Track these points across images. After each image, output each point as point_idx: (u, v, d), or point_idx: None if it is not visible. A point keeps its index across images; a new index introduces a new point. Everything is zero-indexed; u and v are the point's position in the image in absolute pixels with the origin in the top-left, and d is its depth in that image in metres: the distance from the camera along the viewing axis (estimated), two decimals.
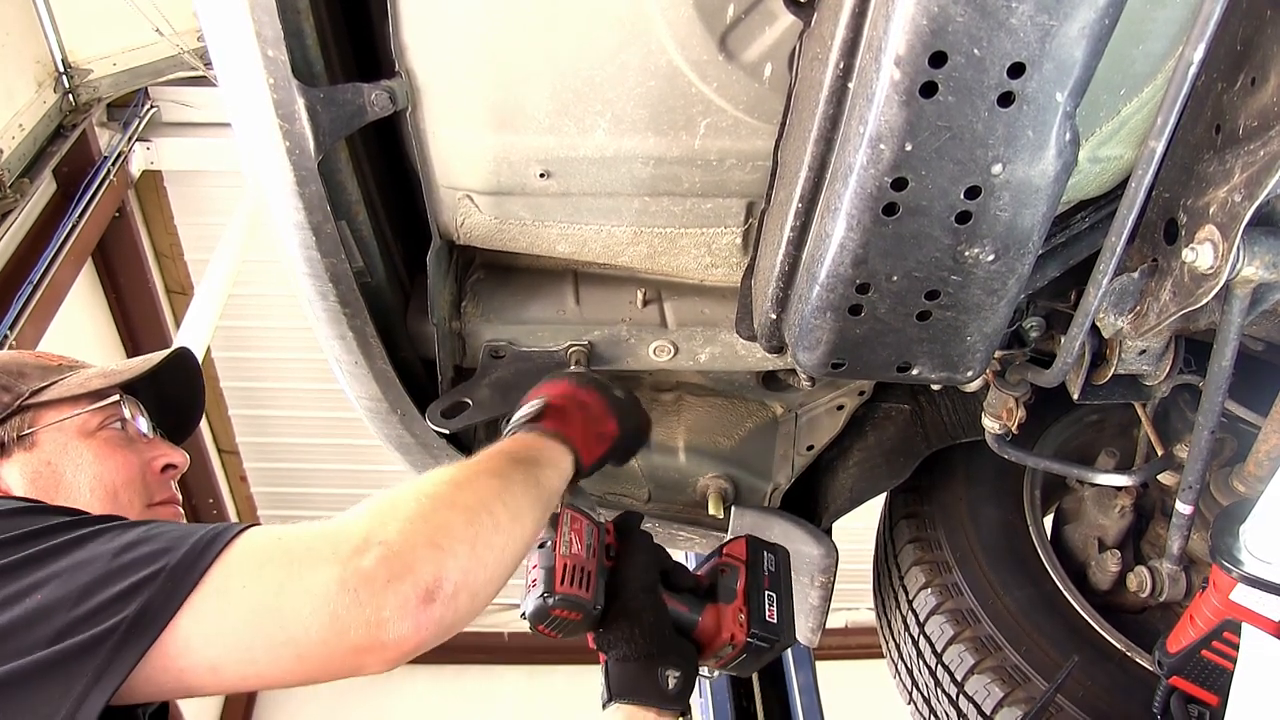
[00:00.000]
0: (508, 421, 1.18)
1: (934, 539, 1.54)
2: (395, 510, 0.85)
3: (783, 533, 1.50)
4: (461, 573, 0.83)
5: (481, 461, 1.00)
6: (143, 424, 1.21)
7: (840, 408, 1.59)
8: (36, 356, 1.23)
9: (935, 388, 1.63)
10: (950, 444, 1.53)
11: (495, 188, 1.17)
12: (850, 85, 0.89)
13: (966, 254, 1.03)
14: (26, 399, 1.12)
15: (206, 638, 0.74)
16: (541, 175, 1.14)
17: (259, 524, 0.84)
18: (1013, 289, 1.08)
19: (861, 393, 1.58)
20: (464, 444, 1.45)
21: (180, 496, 1.23)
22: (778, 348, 1.20)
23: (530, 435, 1.11)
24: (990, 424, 1.33)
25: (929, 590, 1.50)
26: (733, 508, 1.52)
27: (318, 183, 1.03)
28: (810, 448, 1.58)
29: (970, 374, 1.16)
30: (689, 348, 1.39)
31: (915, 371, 1.15)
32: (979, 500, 1.56)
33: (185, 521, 1.21)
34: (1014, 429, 1.31)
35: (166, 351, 1.29)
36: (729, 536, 1.54)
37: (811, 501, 1.63)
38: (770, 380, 1.56)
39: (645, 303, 1.39)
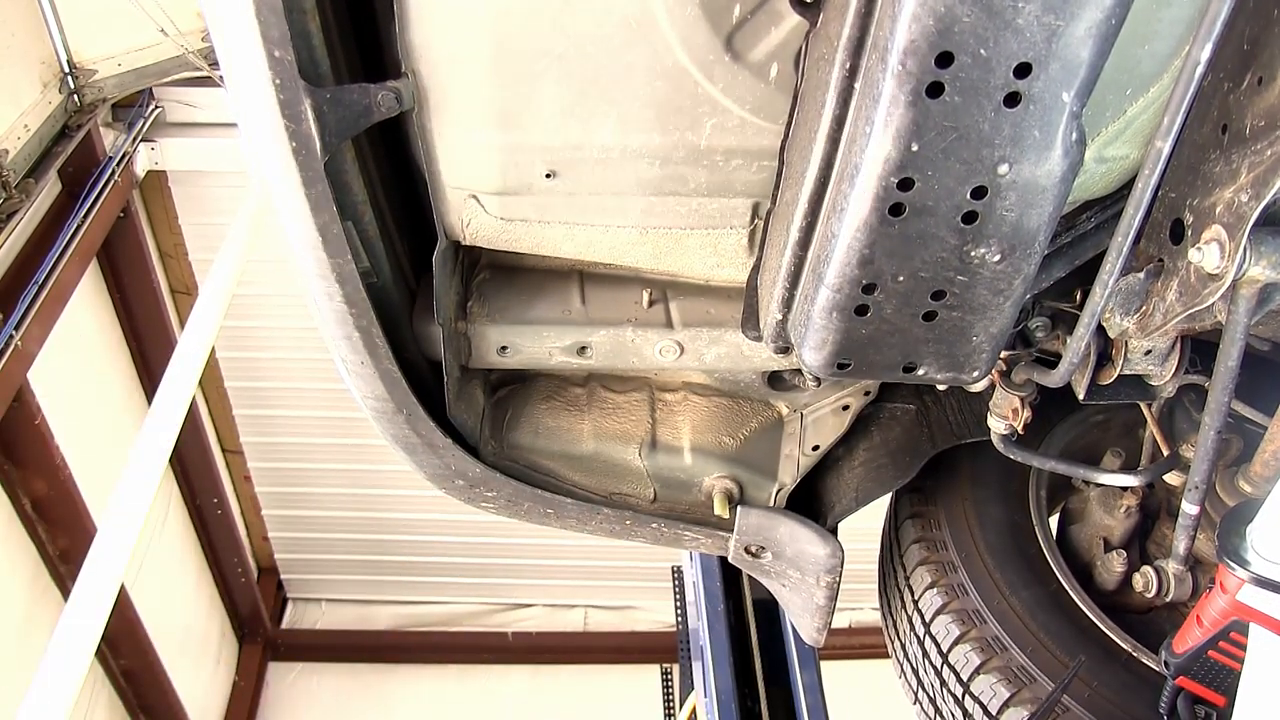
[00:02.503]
0: None
1: (939, 539, 1.54)
2: None
3: (788, 533, 1.50)
4: None
5: None
6: None
7: (845, 407, 1.59)
8: None
9: (941, 388, 1.63)
10: (956, 444, 1.53)
11: (501, 188, 1.17)
12: (856, 85, 0.89)
13: (973, 254, 1.03)
14: None
15: None
16: (548, 175, 1.14)
17: None
18: (1019, 289, 1.08)
19: (867, 393, 1.58)
20: (469, 443, 1.45)
21: None
22: (784, 348, 1.20)
23: None
24: (996, 424, 1.33)
25: (934, 590, 1.50)
26: (738, 507, 1.52)
27: (324, 183, 1.03)
28: (816, 448, 1.58)
29: (976, 374, 1.16)
30: (695, 348, 1.38)
31: (921, 372, 1.15)
32: (984, 500, 1.56)
33: None
34: (1019, 429, 1.31)
35: None
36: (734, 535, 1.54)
37: (817, 501, 1.63)
38: (775, 380, 1.56)
39: (651, 303, 1.39)
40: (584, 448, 1.56)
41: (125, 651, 5.00)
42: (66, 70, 4.51)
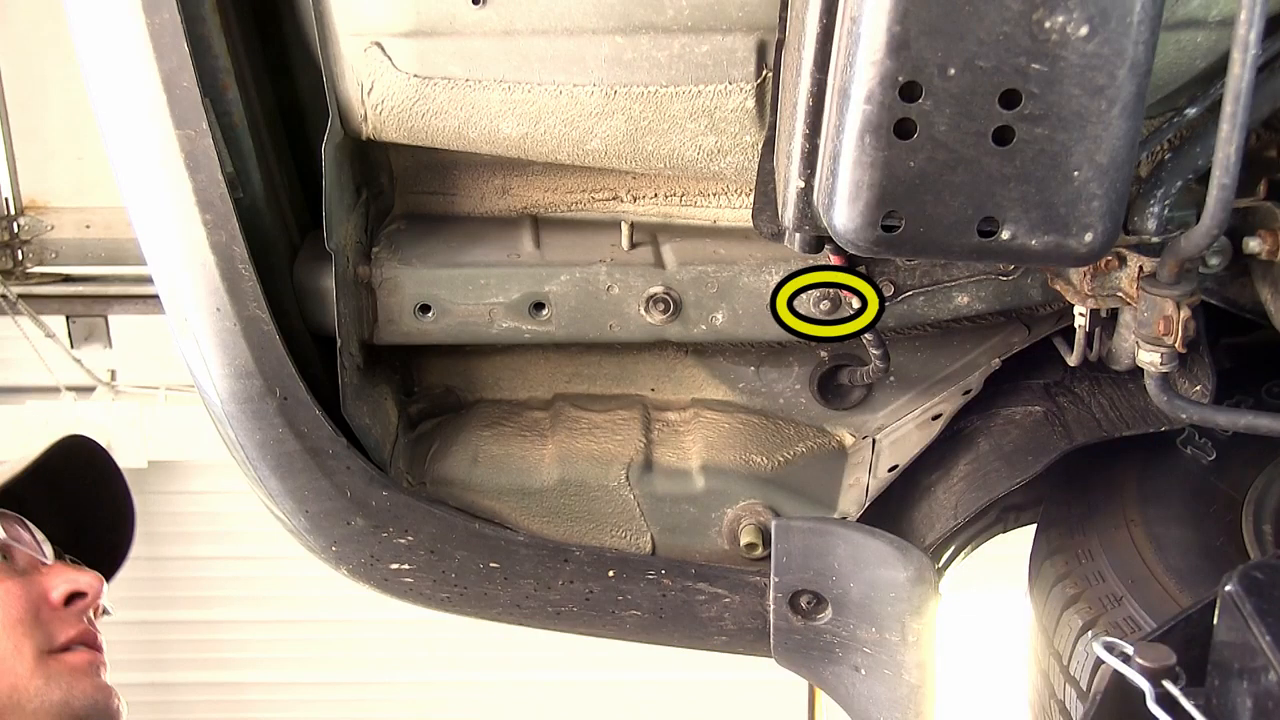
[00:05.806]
0: None
1: (1093, 571, 1.05)
2: None
3: (850, 552, 1.06)
4: None
5: None
6: (28, 543, 1.00)
7: (936, 417, 1.20)
8: None
9: (1081, 389, 1.20)
10: (1103, 439, 1.09)
11: (415, 25, 0.97)
12: None
13: (1047, 25, 0.77)
14: None
15: None
16: (475, 1, 0.95)
17: None
18: (1128, 87, 0.78)
19: (967, 391, 1.20)
20: (370, 452, 1.09)
21: (97, 630, 1.00)
22: (812, 233, 0.90)
23: None
24: (1147, 356, 0.91)
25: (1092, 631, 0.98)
26: (773, 522, 1.10)
27: (173, 10, 0.86)
28: (893, 468, 1.18)
29: (1089, 237, 0.83)
30: (698, 299, 1.07)
31: (1007, 234, 0.84)
32: (1160, 520, 1.07)
33: (104, 668, 0.98)
34: (1178, 347, 0.88)
35: (48, 444, 1.06)
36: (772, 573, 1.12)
37: (897, 531, 1.19)
38: (829, 390, 1.22)
39: (634, 244, 1.10)
40: (544, 477, 1.18)
41: None
42: None
